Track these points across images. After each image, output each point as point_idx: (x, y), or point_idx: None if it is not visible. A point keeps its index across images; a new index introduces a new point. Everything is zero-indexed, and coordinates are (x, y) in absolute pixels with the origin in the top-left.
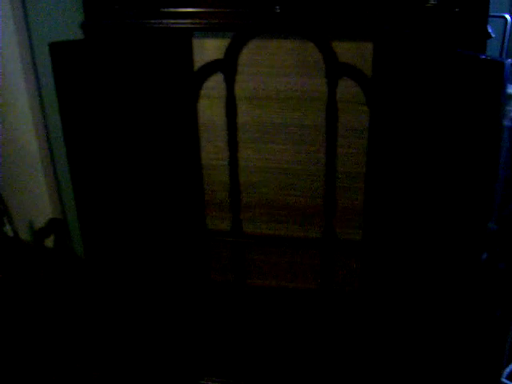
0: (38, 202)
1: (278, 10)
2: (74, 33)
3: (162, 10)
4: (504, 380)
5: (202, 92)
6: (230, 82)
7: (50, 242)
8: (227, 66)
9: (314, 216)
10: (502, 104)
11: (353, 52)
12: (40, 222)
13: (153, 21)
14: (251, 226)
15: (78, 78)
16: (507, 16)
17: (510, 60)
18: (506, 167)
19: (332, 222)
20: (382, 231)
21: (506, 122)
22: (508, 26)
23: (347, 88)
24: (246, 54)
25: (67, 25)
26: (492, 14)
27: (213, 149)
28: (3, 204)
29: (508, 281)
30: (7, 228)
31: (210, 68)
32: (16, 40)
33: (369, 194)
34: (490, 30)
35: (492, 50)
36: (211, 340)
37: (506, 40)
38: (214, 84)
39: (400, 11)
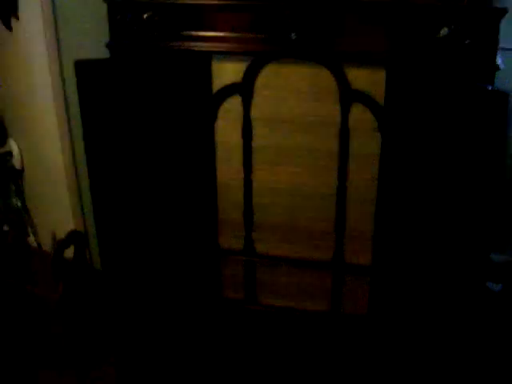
0: (61, 215)
1: (294, 37)
2: (103, 52)
3: (183, 33)
4: None
5: (220, 113)
6: (246, 105)
7: (70, 254)
8: (244, 89)
9: (324, 239)
10: (506, 133)
11: (366, 79)
12: (62, 234)
13: (174, 43)
14: (263, 245)
15: (101, 96)
16: None
17: None
18: None
19: (342, 245)
20: (391, 257)
21: None
22: None
23: (360, 114)
24: (263, 78)
25: (96, 44)
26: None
27: (228, 169)
28: (28, 215)
29: None
30: (31, 239)
31: (228, 90)
32: (46, 57)
33: (379, 219)
34: (499, 62)
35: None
36: (221, 356)
37: None
38: (232, 106)
39: (412, 41)
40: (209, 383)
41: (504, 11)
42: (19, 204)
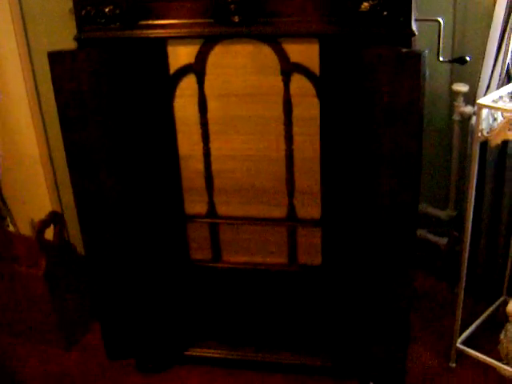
0: (38, 203)
1: (237, 19)
2: (68, 44)
3: (140, 22)
4: (459, 345)
5: (177, 92)
6: (200, 83)
7: (49, 236)
8: (198, 68)
9: (278, 197)
10: (422, 86)
11: (302, 52)
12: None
13: (133, 32)
14: (225, 208)
15: (72, 83)
16: (440, 19)
17: (426, 51)
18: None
19: (292, 202)
20: (338, 208)
21: (455, 117)
22: (442, 28)
23: (299, 83)
24: (213, 58)
25: (63, 38)
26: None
27: (188, 141)
28: (6, 206)
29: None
30: (11, 227)
31: (184, 71)
32: (17, 53)
33: (324, 175)
34: (414, 28)
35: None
36: (195, 313)
37: (440, 41)
38: (187, 85)
39: (339, 16)
40: (184, 338)
41: None
42: None
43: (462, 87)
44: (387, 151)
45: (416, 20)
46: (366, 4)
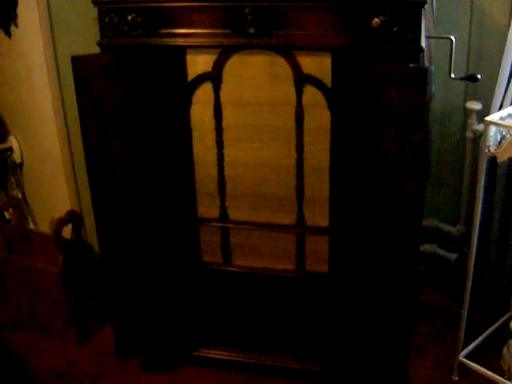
0: (58, 203)
1: (253, 31)
2: (93, 49)
3: (161, 31)
4: (462, 359)
5: (194, 99)
6: (216, 90)
7: (67, 235)
8: (214, 77)
9: (288, 204)
10: (428, 101)
11: (315, 65)
12: None
13: (154, 40)
14: (236, 213)
15: (93, 86)
16: (452, 37)
17: (432, 67)
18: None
19: (302, 210)
20: (346, 218)
21: (468, 134)
22: (454, 46)
23: (311, 95)
24: (229, 67)
25: (88, 43)
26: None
27: (203, 147)
28: (28, 205)
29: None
30: (31, 226)
31: (201, 79)
32: (43, 58)
33: (333, 184)
34: (423, 45)
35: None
36: (204, 315)
37: (452, 58)
38: (204, 92)
39: (351, 31)
40: (193, 339)
41: (423, 2)
42: (19, 195)
43: (476, 105)
44: (393, 162)
45: (428, 37)
46: (377, 20)
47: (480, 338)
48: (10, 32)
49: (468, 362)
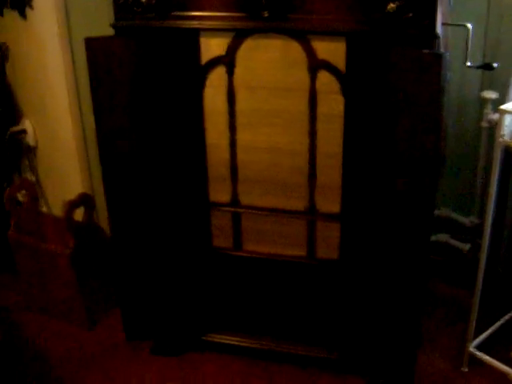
0: (71, 186)
1: (267, 15)
2: (109, 32)
3: (175, 13)
4: (472, 350)
5: (207, 82)
6: (230, 74)
7: (79, 218)
8: (228, 60)
9: (299, 190)
10: (443, 87)
11: (330, 49)
12: None
13: (168, 22)
14: (248, 198)
15: (107, 68)
16: (468, 25)
17: (447, 54)
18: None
19: (313, 195)
20: (358, 204)
21: (483, 124)
22: (470, 34)
23: (325, 80)
24: (243, 51)
25: (102, 25)
26: (456, 23)
27: (215, 131)
28: (41, 188)
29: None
30: (44, 209)
31: (214, 62)
32: (58, 39)
33: (346, 170)
34: (438, 31)
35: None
36: (213, 300)
37: (468, 45)
38: (217, 76)
39: (366, 16)
40: (203, 324)
41: None
42: (33, 178)
43: (492, 94)
44: (407, 149)
45: (444, 24)
46: (392, 5)
47: (491, 330)
48: (26, 14)
49: (478, 353)
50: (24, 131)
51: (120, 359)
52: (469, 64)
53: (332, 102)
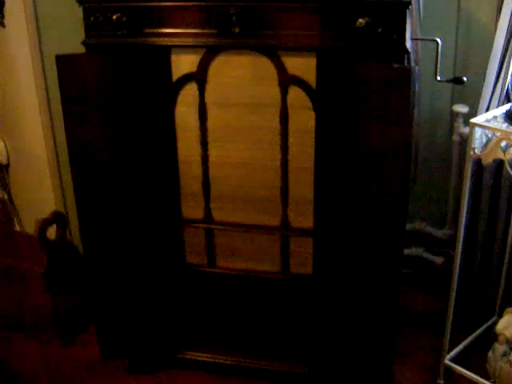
0: (44, 204)
1: (238, 31)
2: (79, 49)
3: (146, 30)
4: (447, 362)
5: (179, 99)
6: (201, 91)
7: (52, 236)
8: (199, 77)
9: (272, 206)
10: (412, 101)
11: (300, 65)
12: None
13: (139, 39)
14: (220, 214)
15: (78, 85)
16: (438, 39)
17: (416, 68)
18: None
19: (286, 211)
20: (330, 219)
21: (454, 137)
22: (439, 48)
23: (296, 95)
24: (214, 68)
25: (74, 42)
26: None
27: (187, 147)
28: (14, 206)
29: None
30: (17, 227)
31: (186, 79)
32: (30, 58)
33: (317, 186)
34: (407, 46)
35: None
36: (188, 317)
37: (438, 60)
38: (189, 92)
39: (335, 32)
40: (177, 341)
41: (408, 3)
42: (5, 196)
43: (462, 108)
44: (378, 163)
45: (414, 39)
46: (361, 21)
47: (466, 342)
48: None
49: (454, 365)
50: None
51: (95, 378)
52: (439, 78)
53: (303, 118)
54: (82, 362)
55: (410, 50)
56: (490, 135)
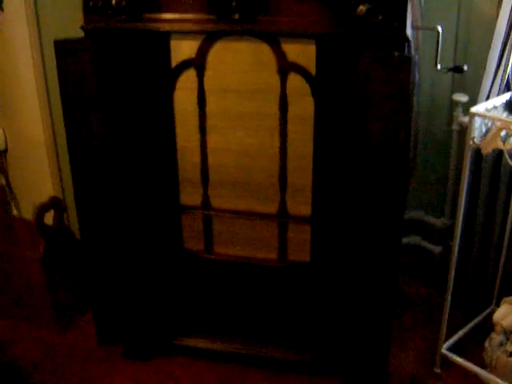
0: (42, 189)
1: (237, 17)
2: (78, 34)
3: (145, 15)
4: (444, 351)
5: (178, 85)
6: (200, 77)
7: (49, 222)
8: (198, 63)
9: (270, 193)
10: (412, 89)
11: (300, 52)
12: None
13: (138, 24)
14: (218, 201)
15: (76, 70)
16: (438, 28)
17: (416, 56)
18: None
19: (285, 198)
20: (328, 207)
21: (454, 127)
22: (440, 37)
23: (296, 82)
24: (214, 54)
25: (73, 26)
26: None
27: (186, 133)
28: (12, 192)
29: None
30: (15, 212)
31: (185, 65)
32: (28, 42)
33: (316, 173)
34: (408, 34)
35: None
36: (184, 303)
37: (439, 48)
38: (188, 78)
39: (336, 18)
40: (173, 327)
41: None
42: (3, 181)
43: (462, 97)
44: (376, 151)
45: (415, 27)
46: (362, 7)
47: (463, 331)
48: None
49: (450, 354)
50: None
51: (92, 363)
52: (439, 67)
53: (302, 104)
54: (79, 347)
55: (410, 38)
56: (489, 124)
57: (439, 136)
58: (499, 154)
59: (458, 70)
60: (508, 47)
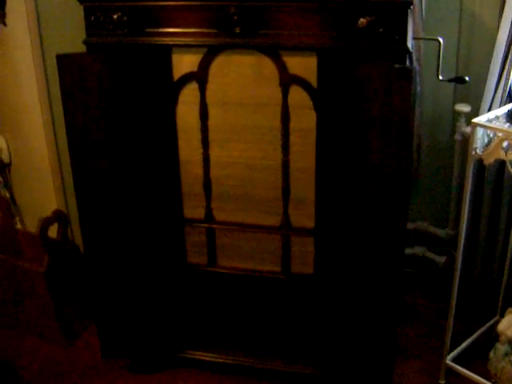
0: (45, 202)
1: (238, 31)
2: (81, 48)
3: (147, 30)
4: (449, 362)
5: (180, 99)
6: (202, 90)
7: (53, 235)
8: (200, 76)
9: (274, 206)
10: (413, 101)
11: (301, 65)
12: None
13: (140, 38)
14: (222, 214)
15: (78, 85)
16: (440, 39)
17: (417, 68)
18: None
19: (288, 210)
20: (331, 219)
21: (457, 137)
22: (442, 48)
23: (297, 95)
24: (215, 67)
25: (75, 41)
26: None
27: (188, 147)
28: (16, 205)
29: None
30: (19, 226)
31: (187, 78)
32: (31, 57)
33: (319, 185)
34: (409, 46)
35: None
36: (189, 316)
37: (441, 59)
38: (190, 92)
39: (337, 32)
40: (178, 340)
41: (409, 3)
42: (7, 195)
43: (464, 107)
44: (378, 163)
45: (416, 38)
46: (363, 20)
47: (467, 342)
48: None
49: (455, 365)
50: None
51: (96, 377)
52: (441, 78)
53: (304, 117)
54: (84, 361)
55: (411, 50)
56: (491, 135)
57: (442, 146)
58: (502, 164)
59: (460, 80)
60: (509, 58)
